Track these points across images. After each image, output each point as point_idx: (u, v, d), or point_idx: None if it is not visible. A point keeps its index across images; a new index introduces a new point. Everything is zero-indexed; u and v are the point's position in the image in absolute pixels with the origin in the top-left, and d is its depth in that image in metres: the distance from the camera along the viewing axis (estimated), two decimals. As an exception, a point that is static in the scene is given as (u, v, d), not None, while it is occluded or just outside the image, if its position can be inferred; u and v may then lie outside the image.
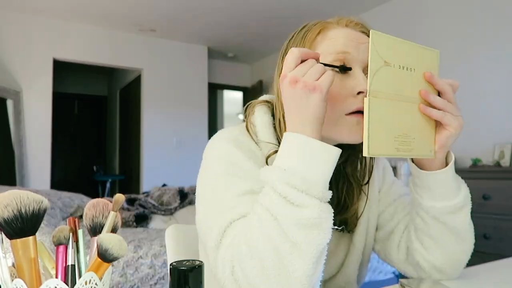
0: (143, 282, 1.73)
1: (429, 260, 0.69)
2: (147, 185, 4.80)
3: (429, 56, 0.61)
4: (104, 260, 0.41)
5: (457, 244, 0.67)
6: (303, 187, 0.51)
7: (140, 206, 2.58)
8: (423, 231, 0.68)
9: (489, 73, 3.02)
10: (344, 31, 0.64)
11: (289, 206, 0.50)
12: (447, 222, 0.65)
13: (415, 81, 0.59)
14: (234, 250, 0.53)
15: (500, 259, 0.92)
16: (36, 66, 4.24)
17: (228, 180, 0.61)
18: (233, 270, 0.52)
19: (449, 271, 0.70)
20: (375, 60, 0.54)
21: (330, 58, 0.62)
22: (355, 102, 0.60)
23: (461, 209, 0.65)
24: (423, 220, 0.67)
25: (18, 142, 4.01)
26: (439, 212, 0.65)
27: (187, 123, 5.12)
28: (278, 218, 0.50)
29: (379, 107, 0.54)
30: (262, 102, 0.73)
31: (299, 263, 0.49)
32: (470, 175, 2.66)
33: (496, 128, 2.93)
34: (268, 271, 0.50)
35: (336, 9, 4.03)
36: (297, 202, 0.50)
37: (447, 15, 3.34)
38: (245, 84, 6.15)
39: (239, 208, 0.58)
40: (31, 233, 0.40)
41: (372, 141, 0.53)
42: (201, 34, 4.85)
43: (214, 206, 0.61)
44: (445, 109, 0.59)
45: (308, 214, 0.50)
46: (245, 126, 0.70)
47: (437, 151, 0.61)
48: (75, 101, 6.75)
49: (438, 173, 0.63)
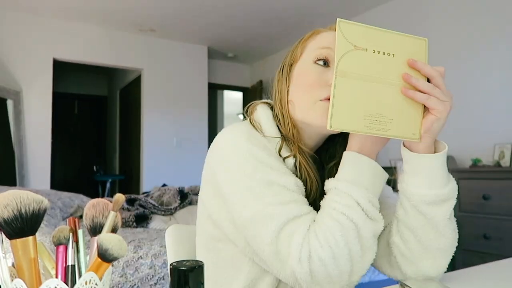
0: (143, 282, 1.73)
1: (405, 255, 0.67)
2: (147, 185, 4.80)
3: (415, 44, 0.63)
4: (104, 260, 0.41)
5: (435, 240, 0.65)
6: (377, 205, 0.64)
7: (140, 206, 2.58)
8: (404, 222, 0.67)
9: (489, 73, 3.02)
10: (332, 33, 0.72)
11: (369, 220, 0.62)
12: (427, 213, 0.63)
13: (396, 66, 0.61)
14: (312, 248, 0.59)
15: (500, 259, 0.92)
16: (36, 66, 4.24)
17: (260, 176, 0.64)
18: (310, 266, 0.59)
19: (426, 270, 0.67)
20: (342, 45, 0.60)
21: (315, 52, 0.71)
22: (329, 90, 0.65)
23: (444, 202, 0.63)
24: (405, 210, 0.66)
25: (18, 142, 4.01)
26: (421, 200, 0.63)
27: (187, 123, 5.12)
28: (359, 228, 0.61)
29: (346, 86, 0.59)
30: (263, 102, 0.78)
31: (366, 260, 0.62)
32: (470, 175, 2.66)
33: (496, 128, 2.93)
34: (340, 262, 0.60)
35: (336, 9, 4.03)
36: (374, 217, 0.63)
37: (447, 15, 3.35)
38: (245, 84, 6.15)
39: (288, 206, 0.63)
40: (31, 233, 0.40)
41: (335, 115, 0.58)
42: (201, 34, 4.85)
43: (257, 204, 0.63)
44: (430, 93, 0.59)
45: (380, 227, 0.64)
46: (249, 122, 0.74)
47: (422, 135, 0.61)
48: (75, 101, 6.75)
49: (425, 156, 0.62)
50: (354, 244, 0.60)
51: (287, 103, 0.73)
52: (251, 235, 0.63)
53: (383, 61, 0.61)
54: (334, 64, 0.59)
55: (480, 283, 0.73)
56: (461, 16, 3.24)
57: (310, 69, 0.71)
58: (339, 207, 0.62)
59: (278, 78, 0.77)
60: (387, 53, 0.61)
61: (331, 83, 0.63)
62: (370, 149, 0.66)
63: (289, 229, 0.60)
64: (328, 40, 0.71)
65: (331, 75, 0.66)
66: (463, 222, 2.53)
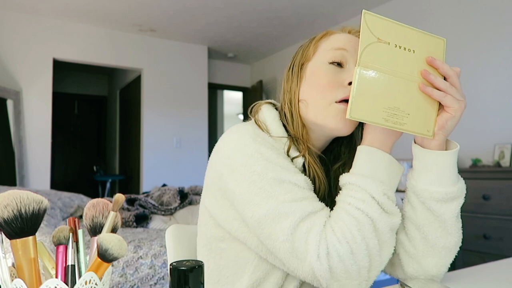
0: (143, 282, 1.73)
1: (409, 252, 0.68)
2: (147, 185, 4.80)
3: (434, 42, 0.64)
4: (104, 260, 0.41)
5: (442, 238, 0.66)
6: (393, 198, 0.63)
7: (140, 206, 2.58)
8: (410, 219, 0.67)
9: (489, 73, 3.02)
10: (345, 35, 0.73)
11: (385, 213, 0.61)
12: (435, 210, 0.64)
13: (415, 62, 0.62)
14: (330, 245, 0.59)
15: (500, 259, 0.92)
16: (36, 66, 4.24)
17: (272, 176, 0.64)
18: (329, 262, 0.58)
19: (429, 268, 0.67)
20: (366, 35, 0.60)
21: (329, 53, 0.71)
22: (345, 91, 0.68)
23: (453, 200, 0.64)
24: (413, 207, 0.66)
25: (18, 142, 4.01)
26: (430, 197, 0.64)
27: (187, 123, 5.12)
28: (375, 222, 0.60)
29: (367, 77, 0.60)
30: (267, 102, 0.78)
31: (384, 254, 0.62)
32: (470, 175, 2.66)
33: (496, 128, 2.93)
34: (358, 257, 0.59)
35: (336, 9, 4.03)
36: (390, 210, 0.62)
37: (447, 15, 3.35)
38: (245, 84, 6.15)
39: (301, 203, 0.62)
40: (31, 233, 0.40)
41: (355, 105, 0.59)
42: (201, 34, 4.85)
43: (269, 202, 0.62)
44: (446, 91, 0.61)
45: (398, 220, 0.63)
46: (255, 122, 0.73)
47: (436, 133, 0.62)
48: (75, 101, 6.75)
49: (438, 153, 0.63)
50: (371, 238, 0.60)
51: (298, 103, 0.73)
52: (266, 234, 0.62)
53: (403, 56, 0.62)
54: (358, 54, 0.60)
55: (480, 283, 0.73)
56: (461, 16, 3.24)
57: (324, 69, 0.71)
58: (354, 202, 0.61)
59: (287, 77, 0.77)
60: (408, 48, 0.62)
61: (346, 85, 0.66)
62: (384, 143, 0.65)
63: (305, 226, 0.60)
64: (342, 41, 0.72)
65: (346, 76, 0.69)
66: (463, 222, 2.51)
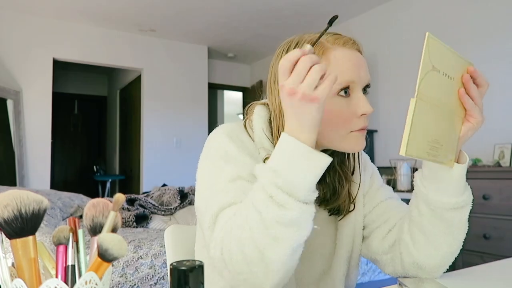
0: (143, 282, 1.73)
1: (412, 254, 0.69)
2: (147, 185, 4.80)
3: (464, 66, 0.62)
4: (104, 260, 0.41)
5: (446, 243, 0.67)
6: (289, 189, 0.53)
7: (140, 206, 2.58)
8: (416, 223, 0.68)
9: (489, 74, 3.01)
10: (344, 54, 0.65)
11: (274, 205, 0.54)
12: (446, 217, 0.65)
13: (452, 90, 0.60)
14: (224, 234, 0.58)
15: (500, 259, 0.92)
16: (36, 66, 4.24)
17: (220, 166, 0.66)
18: (222, 251, 0.58)
19: (430, 269, 0.70)
20: (426, 64, 0.55)
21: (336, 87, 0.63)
22: (359, 122, 0.65)
23: (463, 208, 0.66)
24: (420, 212, 0.67)
25: (18, 142, 4.01)
26: (442, 207, 0.65)
27: (187, 123, 5.12)
28: (262, 214, 0.54)
29: (423, 110, 0.55)
30: (262, 103, 0.76)
31: (277, 254, 0.54)
32: (470, 175, 2.62)
33: (496, 128, 2.93)
34: (248, 257, 0.55)
35: (336, 9, 4.03)
36: (281, 202, 0.53)
37: (447, 15, 3.35)
38: (245, 84, 6.15)
39: (229, 194, 0.63)
40: (31, 233, 0.39)
41: (411, 141, 0.54)
42: (201, 34, 4.85)
43: (208, 191, 0.65)
44: (476, 101, 0.62)
45: (290, 215, 0.54)
46: (244, 123, 0.74)
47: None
48: (75, 101, 6.75)
49: (455, 169, 0.63)
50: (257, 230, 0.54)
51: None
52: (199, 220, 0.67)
53: (447, 85, 0.59)
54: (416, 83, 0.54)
55: (480, 283, 0.73)
56: (461, 16, 3.24)
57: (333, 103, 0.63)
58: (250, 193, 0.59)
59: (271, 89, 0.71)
60: (451, 77, 0.59)
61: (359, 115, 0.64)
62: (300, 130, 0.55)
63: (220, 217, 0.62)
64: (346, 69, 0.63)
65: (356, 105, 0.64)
66: (463, 222, 2.52)
